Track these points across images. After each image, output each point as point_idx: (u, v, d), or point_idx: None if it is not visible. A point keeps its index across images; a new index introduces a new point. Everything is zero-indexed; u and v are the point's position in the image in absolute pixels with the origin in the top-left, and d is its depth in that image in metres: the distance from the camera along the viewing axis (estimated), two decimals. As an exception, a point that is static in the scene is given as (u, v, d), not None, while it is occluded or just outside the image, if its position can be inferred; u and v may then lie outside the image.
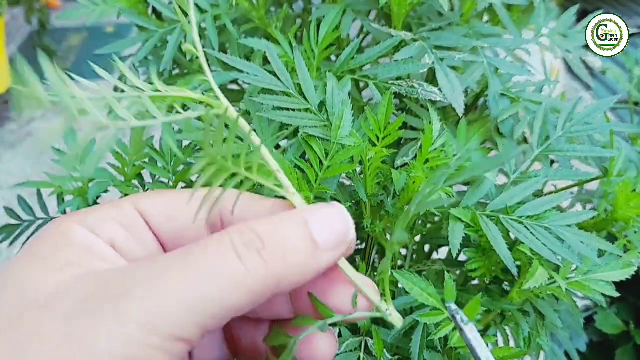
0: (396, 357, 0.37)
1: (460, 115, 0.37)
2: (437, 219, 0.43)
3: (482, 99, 0.46)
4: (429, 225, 0.44)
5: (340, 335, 0.37)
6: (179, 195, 0.26)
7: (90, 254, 0.22)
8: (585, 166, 0.45)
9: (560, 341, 0.50)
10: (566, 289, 0.35)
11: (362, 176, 0.36)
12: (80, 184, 0.42)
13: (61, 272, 0.20)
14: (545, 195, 0.38)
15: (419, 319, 0.34)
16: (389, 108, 0.35)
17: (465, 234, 0.35)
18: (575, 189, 0.49)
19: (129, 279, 0.20)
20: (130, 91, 0.23)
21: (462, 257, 0.37)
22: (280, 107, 0.34)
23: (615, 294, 0.36)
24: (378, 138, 0.35)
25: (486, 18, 0.49)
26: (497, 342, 0.41)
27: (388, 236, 0.40)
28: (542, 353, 0.44)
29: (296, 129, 0.35)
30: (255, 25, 0.42)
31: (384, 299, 0.25)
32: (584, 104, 0.40)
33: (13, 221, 0.46)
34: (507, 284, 0.40)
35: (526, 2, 0.44)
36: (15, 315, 0.19)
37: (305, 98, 0.35)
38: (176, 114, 0.24)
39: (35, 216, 0.46)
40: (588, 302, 0.74)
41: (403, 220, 0.23)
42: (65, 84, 0.21)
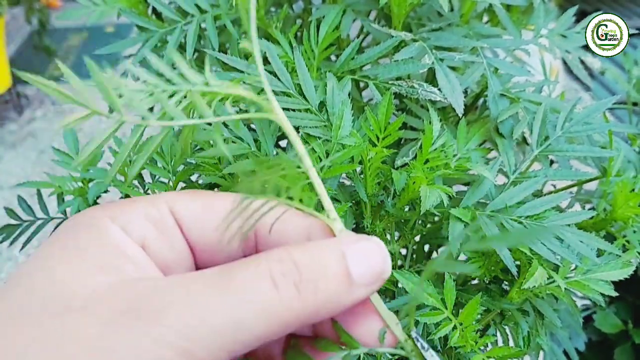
0: (396, 357, 0.37)
1: (460, 115, 0.37)
2: (437, 219, 0.43)
3: (482, 99, 0.46)
4: (429, 225, 0.44)
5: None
6: (217, 200, 0.25)
7: (124, 257, 0.22)
8: (584, 166, 0.45)
9: (559, 340, 0.50)
10: (565, 289, 0.35)
11: (362, 176, 0.36)
12: (80, 184, 0.42)
13: (97, 276, 0.21)
14: (545, 195, 0.39)
15: (419, 318, 0.34)
16: (389, 108, 0.35)
17: (467, 234, 0.35)
18: (575, 189, 0.50)
19: (165, 295, 0.20)
20: (181, 83, 0.22)
21: (462, 257, 0.37)
22: (281, 107, 0.34)
23: (614, 294, 0.36)
24: (378, 138, 0.35)
25: (486, 18, 0.49)
26: (497, 342, 0.41)
27: (388, 236, 0.40)
28: (542, 352, 0.44)
29: (296, 129, 0.35)
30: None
31: (408, 340, 0.25)
32: (583, 104, 0.40)
33: (13, 221, 0.46)
34: (507, 283, 0.41)
35: (525, 3, 0.44)
36: (56, 313, 0.19)
37: (305, 98, 0.35)
38: (224, 114, 0.23)
39: (35, 216, 0.46)
40: (587, 302, 0.74)
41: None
42: (111, 81, 0.20)
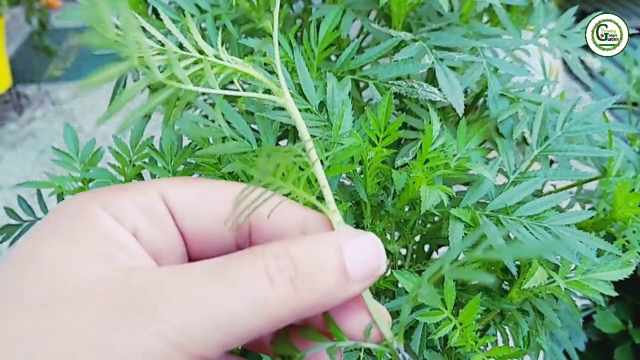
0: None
1: (459, 115, 0.37)
2: (437, 219, 0.43)
3: (482, 99, 0.46)
4: (429, 225, 0.44)
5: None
6: (211, 189, 0.25)
7: (116, 246, 0.22)
8: (584, 166, 0.45)
9: (559, 340, 0.50)
10: (565, 289, 0.36)
11: (362, 176, 0.36)
12: (80, 184, 0.42)
13: (89, 264, 0.20)
14: (545, 195, 0.39)
15: (419, 318, 0.34)
16: (389, 108, 0.35)
17: (465, 233, 0.35)
18: (574, 189, 0.50)
19: (160, 288, 0.20)
20: (192, 50, 0.21)
21: (462, 257, 0.37)
22: (281, 107, 0.34)
23: (614, 293, 0.36)
24: (378, 138, 0.35)
25: (485, 18, 0.49)
26: (497, 342, 0.41)
27: (388, 236, 0.40)
28: (541, 352, 0.44)
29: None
30: (255, 25, 0.42)
31: (396, 337, 0.25)
32: (583, 104, 0.40)
33: (13, 221, 0.46)
34: (507, 283, 0.41)
35: (525, 3, 0.44)
36: (48, 304, 0.19)
37: (305, 98, 0.35)
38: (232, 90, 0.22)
39: (35, 216, 0.46)
40: (587, 302, 0.74)
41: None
42: (135, 29, 0.19)
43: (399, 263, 0.42)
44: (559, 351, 0.49)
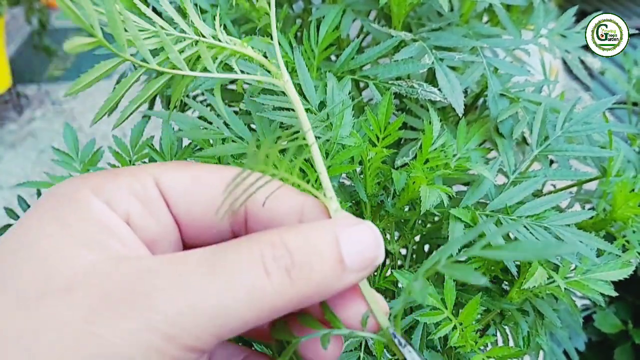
0: (396, 357, 0.37)
1: (459, 115, 0.37)
2: (437, 219, 0.43)
3: (482, 99, 0.46)
4: (429, 225, 0.44)
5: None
6: (205, 173, 0.24)
7: (109, 233, 0.21)
8: (584, 166, 0.45)
9: (559, 340, 0.50)
10: (565, 289, 0.36)
11: (362, 176, 0.36)
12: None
13: (82, 253, 0.20)
14: (544, 195, 0.39)
15: (419, 318, 0.34)
16: (389, 108, 0.35)
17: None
18: (574, 189, 0.50)
19: (153, 279, 0.19)
20: (189, 32, 0.20)
21: (462, 257, 0.37)
22: (281, 107, 0.34)
23: (614, 294, 0.36)
24: (378, 138, 0.35)
25: (485, 18, 0.49)
26: (497, 342, 0.41)
27: (388, 236, 0.40)
28: (541, 352, 0.44)
29: (296, 129, 0.35)
30: (255, 25, 0.42)
31: (392, 323, 0.24)
32: (583, 104, 0.40)
33: (13, 221, 0.46)
34: (507, 283, 0.41)
35: (525, 3, 0.44)
36: (40, 294, 0.19)
37: (305, 98, 0.35)
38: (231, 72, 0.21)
39: (35, 216, 0.46)
40: (587, 302, 0.74)
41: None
42: (120, 14, 0.19)
43: (399, 263, 0.42)
44: (559, 351, 0.49)
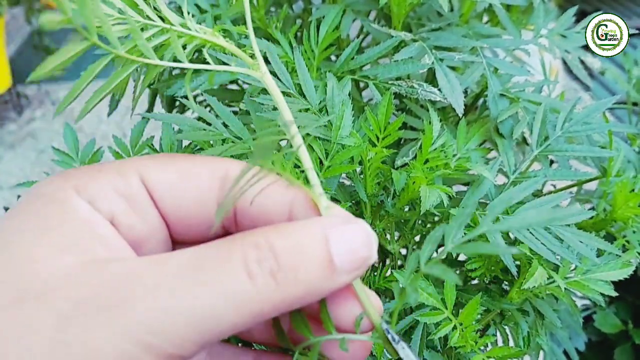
0: (396, 357, 0.37)
1: (459, 115, 0.37)
2: (437, 219, 0.43)
3: (482, 99, 0.46)
4: (428, 225, 0.44)
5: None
6: (192, 165, 0.23)
7: (91, 234, 0.20)
8: (584, 166, 0.45)
9: (559, 340, 0.50)
10: (565, 289, 0.36)
11: (362, 176, 0.36)
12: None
13: (64, 257, 0.19)
14: (545, 195, 0.39)
15: (419, 318, 0.34)
16: (389, 108, 0.35)
17: (465, 233, 0.35)
18: (575, 189, 0.50)
19: (132, 283, 0.19)
20: (158, 21, 0.19)
21: (462, 257, 0.37)
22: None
23: (614, 294, 0.36)
24: (378, 138, 0.35)
25: (485, 18, 0.49)
26: (497, 342, 0.41)
27: (388, 236, 0.40)
28: (542, 352, 0.44)
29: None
30: (255, 25, 0.42)
31: (383, 319, 0.24)
32: (583, 104, 0.40)
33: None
34: (507, 283, 0.41)
35: (525, 3, 0.44)
36: (16, 299, 0.18)
37: (305, 98, 0.35)
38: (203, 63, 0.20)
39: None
40: (587, 302, 0.74)
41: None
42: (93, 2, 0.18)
43: (399, 263, 0.42)
44: (559, 351, 0.49)
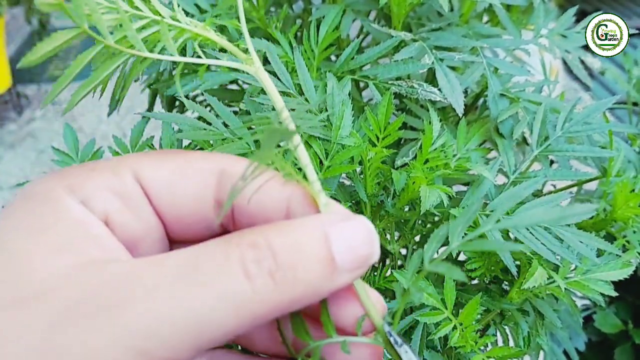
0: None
1: (459, 115, 0.37)
2: (437, 219, 0.43)
3: (482, 99, 0.46)
4: (428, 225, 0.44)
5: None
6: (188, 162, 0.23)
7: (85, 235, 0.20)
8: (584, 166, 0.45)
9: (559, 340, 0.50)
10: (565, 289, 0.36)
11: (362, 176, 0.36)
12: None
13: (57, 258, 0.19)
14: (545, 195, 0.39)
15: (419, 318, 0.34)
16: (388, 108, 0.35)
17: (465, 234, 0.35)
18: (575, 189, 0.50)
19: (125, 286, 0.18)
20: (148, 13, 0.19)
21: (462, 257, 0.37)
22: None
23: (614, 294, 0.36)
24: (378, 138, 0.35)
25: (485, 18, 0.49)
26: (497, 342, 0.41)
27: (388, 236, 0.40)
28: (542, 352, 0.44)
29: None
30: (255, 25, 0.42)
31: (385, 321, 0.23)
32: (583, 104, 0.40)
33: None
34: (507, 283, 0.41)
35: (525, 3, 0.44)
36: (7, 303, 0.18)
37: (305, 98, 0.35)
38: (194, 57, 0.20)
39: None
40: (587, 302, 0.74)
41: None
42: None
43: (399, 263, 0.42)
44: (559, 351, 0.49)
